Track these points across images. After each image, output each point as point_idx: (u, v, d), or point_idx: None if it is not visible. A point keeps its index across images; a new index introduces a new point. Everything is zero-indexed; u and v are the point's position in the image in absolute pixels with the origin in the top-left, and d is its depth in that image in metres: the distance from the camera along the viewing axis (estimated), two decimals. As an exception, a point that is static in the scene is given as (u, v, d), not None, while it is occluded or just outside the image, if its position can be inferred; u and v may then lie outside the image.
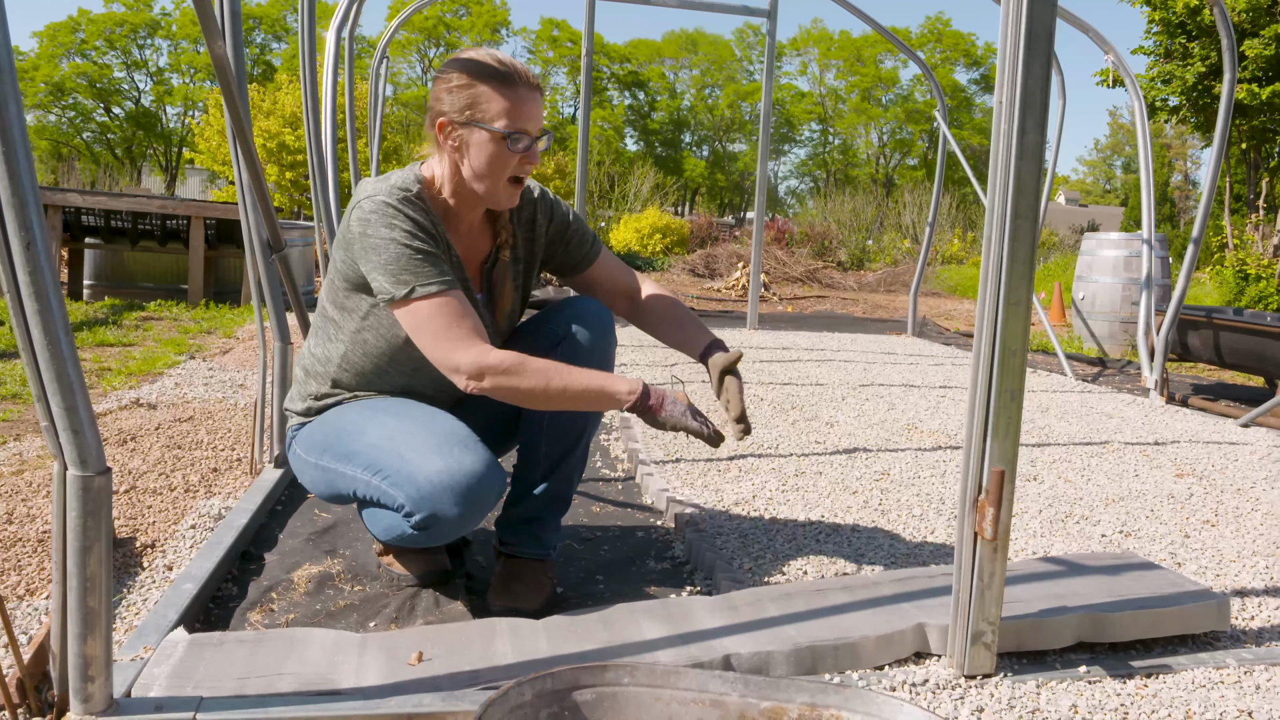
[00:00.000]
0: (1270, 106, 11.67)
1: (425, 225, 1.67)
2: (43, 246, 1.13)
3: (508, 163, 1.68)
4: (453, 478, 1.55)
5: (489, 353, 1.60)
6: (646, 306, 1.99)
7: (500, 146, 1.66)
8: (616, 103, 45.57)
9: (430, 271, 1.63)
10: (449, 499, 1.55)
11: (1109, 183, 56.20)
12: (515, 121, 1.65)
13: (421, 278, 1.62)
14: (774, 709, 1.26)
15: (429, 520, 1.57)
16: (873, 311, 10.35)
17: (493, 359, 1.59)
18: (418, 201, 1.69)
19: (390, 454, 1.62)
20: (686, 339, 1.92)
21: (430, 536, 1.61)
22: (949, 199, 19.69)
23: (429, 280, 1.62)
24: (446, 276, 1.64)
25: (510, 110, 1.65)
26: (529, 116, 1.66)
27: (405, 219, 1.64)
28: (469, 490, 1.56)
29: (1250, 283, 10.36)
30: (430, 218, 1.70)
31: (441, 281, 1.63)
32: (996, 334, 1.47)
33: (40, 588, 1.84)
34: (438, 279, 1.63)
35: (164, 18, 40.39)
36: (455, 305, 1.62)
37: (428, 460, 1.58)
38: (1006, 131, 1.45)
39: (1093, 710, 1.50)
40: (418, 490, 1.57)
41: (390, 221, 1.63)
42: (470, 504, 1.56)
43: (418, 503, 1.57)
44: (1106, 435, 3.71)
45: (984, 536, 1.50)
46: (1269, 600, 2.01)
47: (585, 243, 1.96)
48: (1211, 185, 4.63)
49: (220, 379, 4.12)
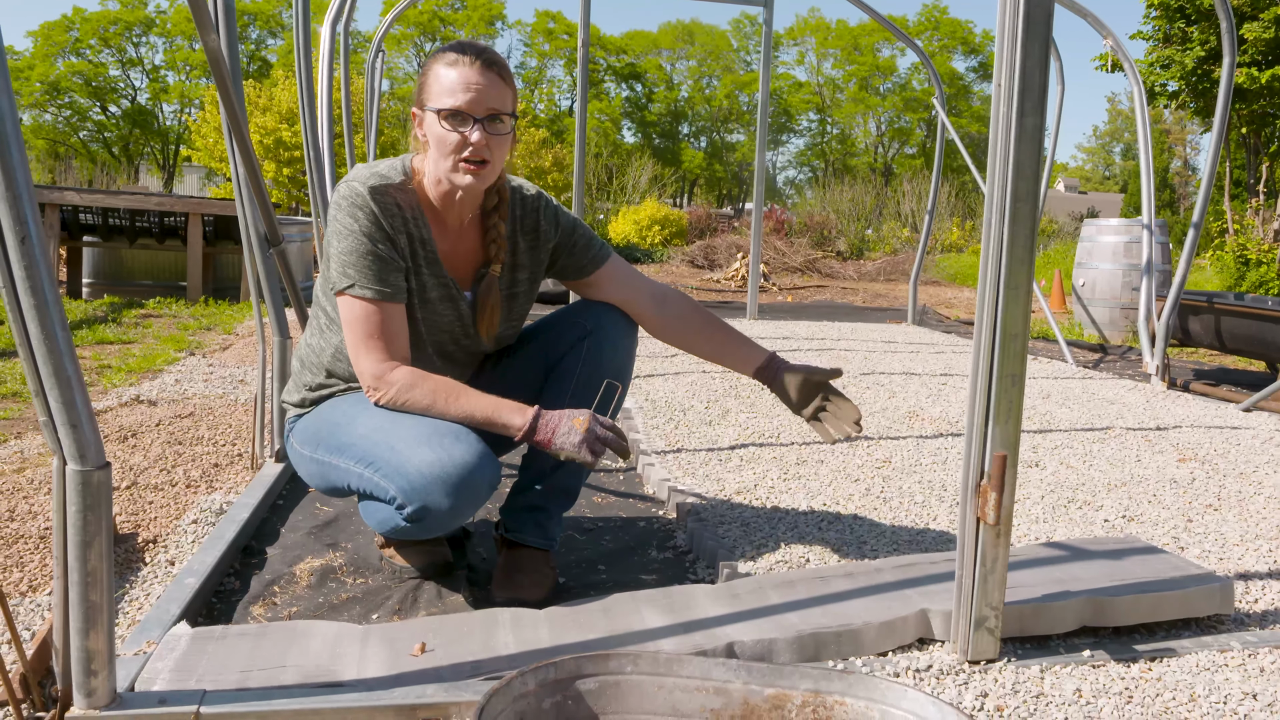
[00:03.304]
0: (1270, 90, 11.64)
1: (391, 222, 1.68)
2: (38, 241, 1.13)
3: (448, 141, 1.66)
4: (443, 469, 1.54)
5: (393, 369, 1.66)
6: (669, 314, 1.96)
7: (441, 126, 1.66)
8: (614, 95, 45.48)
9: (373, 276, 1.66)
10: (440, 490, 1.54)
11: (1108, 169, 56.09)
12: (453, 98, 1.64)
13: (363, 279, 1.66)
14: (778, 696, 1.26)
15: (420, 512, 1.57)
16: (873, 300, 10.34)
17: (392, 375, 1.66)
18: (397, 192, 1.70)
19: (381, 445, 1.62)
20: (726, 351, 1.98)
21: (423, 528, 1.60)
22: (948, 187, 19.66)
23: (368, 285, 1.66)
24: (386, 288, 1.67)
25: (449, 87, 1.64)
26: (469, 92, 1.64)
27: (368, 214, 1.66)
28: (460, 481, 1.54)
29: (1251, 267, 10.35)
30: (408, 211, 1.71)
31: (378, 291, 1.66)
32: (997, 318, 1.47)
33: (43, 584, 1.84)
34: (376, 285, 1.66)
35: (159, 15, 40.29)
36: (379, 317, 1.67)
37: (417, 451, 1.57)
38: (1005, 114, 1.44)
39: (1097, 694, 1.50)
40: (408, 482, 1.56)
41: (355, 213, 1.66)
42: (461, 495, 1.55)
43: (408, 494, 1.56)
44: (1108, 421, 3.70)
45: (986, 522, 1.50)
46: (1273, 583, 2.01)
47: (592, 246, 1.94)
48: (1211, 170, 4.61)
49: (220, 375, 4.12)
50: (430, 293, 1.77)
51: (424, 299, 1.77)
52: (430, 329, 1.80)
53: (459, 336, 1.85)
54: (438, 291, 1.78)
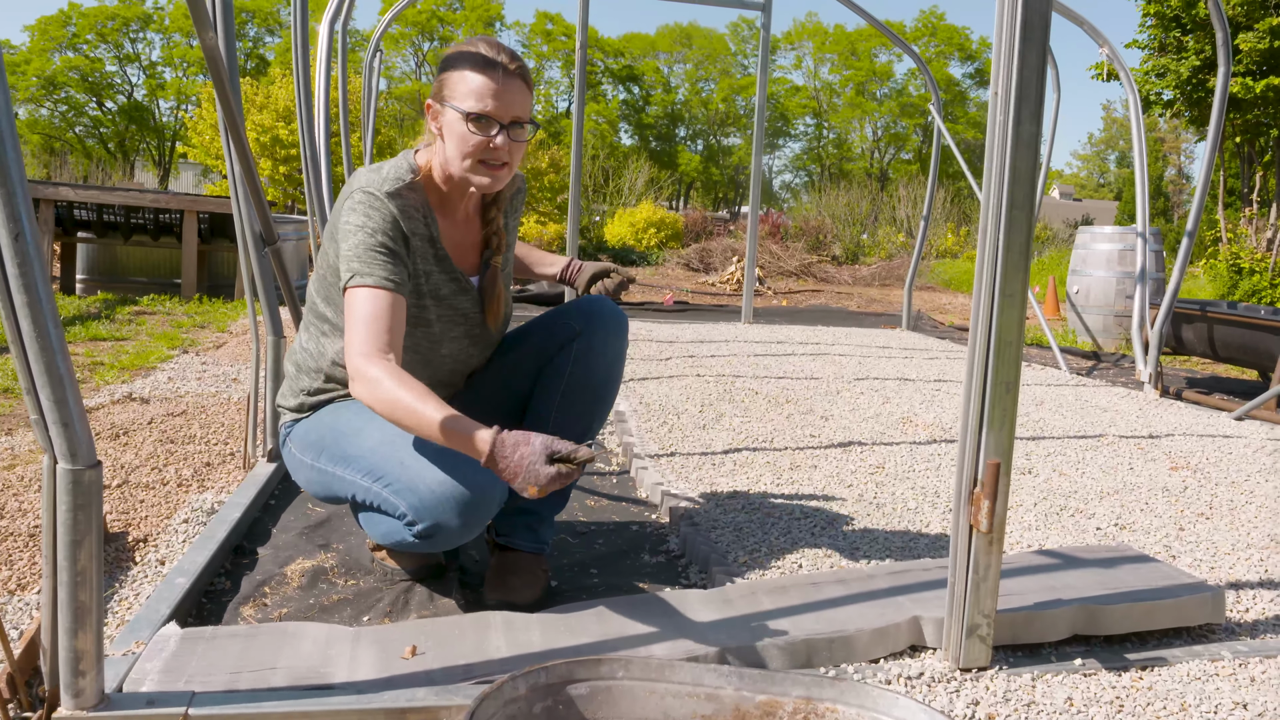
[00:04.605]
0: (1264, 100, 11.68)
1: (409, 225, 1.68)
2: (31, 238, 1.12)
3: (470, 143, 1.66)
4: (456, 488, 1.54)
5: (371, 364, 1.53)
6: None
7: (464, 126, 1.66)
8: (611, 97, 45.47)
9: (377, 267, 1.61)
10: (452, 509, 1.54)
11: (1103, 177, 56.23)
12: (480, 102, 1.64)
13: (365, 267, 1.61)
14: (769, 702, 1.26)
15: (431, 530, 1.56)
16: (867, 305, 10.35)
17: (368, 371, 1.53)
18: (409, 193, 1.71)
19: (391, 460, 1.61)
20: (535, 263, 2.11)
21: (432, 545, 1.60)
22: (943, 192, 19.68)
23: (369, 274, 1.60)
24: (392, 278, 1.62)
25: (477, 91, 1.64)
26: (497, 99, 1.64)
27: (384, 215, 1.66)
28: (472, 501, 1.54)
29: (1244, 276, 10.39)
30: (419, 210, 1.72)
31: (382, 279, 1.60)
32: (992, 325, 1.47)
33: (31, 583, 1.83)
34: (378, 275, 1.60)
35: (156, 11, 40.19)
36: (378, 305, 1.59)
37: (430, 469, 1.56)
38: (1002, 122, 1.44)
39: (1088, 703, 1.50)
40: (419, 500, 1.55)
41: (368, 211, 1.66)
42: (473, 514, 1.55)
43: (419, 512, 1.56)
44: (1101, 428, 3.71)
45: (979, 529, 1.50)
46: (1263, 593, 2.01)
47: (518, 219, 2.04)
48: (1206, 179, 4.63)
49: (213, 373, 4.10)
50: (443, 289, 1.79)
51: (438, 296, 1.79)
52: (447, 325, 1.82)
53: (473, 328, 1.87)
54: (450, 287, 1.80)
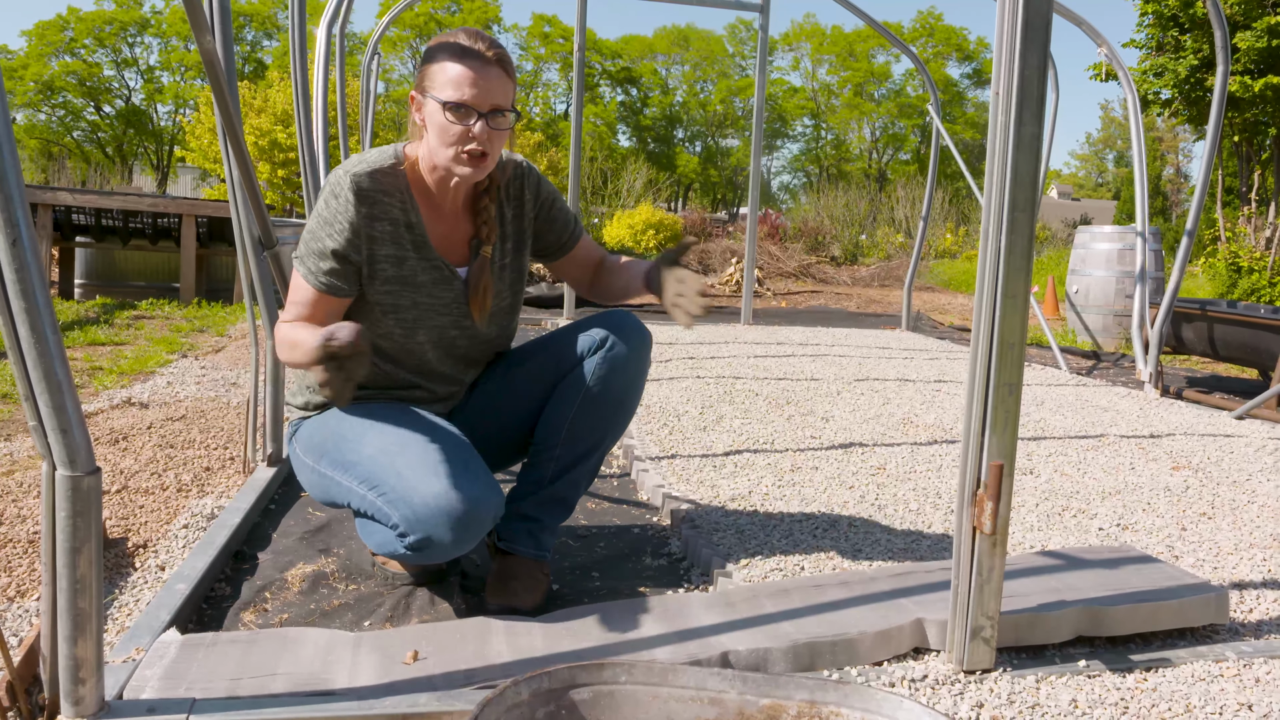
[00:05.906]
0: (1263, 99, 11.69)
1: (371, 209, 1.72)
2: (29, 243, 1.11)
3: (450, 133, 1.67)
4: (450, 502, 1.53)
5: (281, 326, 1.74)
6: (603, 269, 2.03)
7: (443, 116, 1.66)
8: (609, 99, 45.46)
9: (311, 262, 1.72)
10: (444, 523, 1.53)
11: (1101, 176, 56.26)
12: (459, 91, 1.64)
13: (307, 259, 1.73)
14: (773, 706, 1.25)
15: (423, 543, 1.56)
16: (867, 306, 10.34)
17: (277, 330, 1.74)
18: (384, 176, 1.73)
19: (387, 469, 1.61)
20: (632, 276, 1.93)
21: (424, 557, 1.60)
22: (942, 193, 19.69)
23: (303, 267, 1.73)
24: (322, 280, 1.71)
25: (455, 80, 1.65)
26: (475, 87, 1.65)
27: (337, 207, 1.70)
28: (465, 515, 1.54)
29: (1243, 275, 10.39)
30: (394, 195, 1.73)
31: (308, 273, 1.72)
32: (995, 327, 1.46)
33: (31, 589, 1.82)
34: (308, 268, 1.72)
35: (154, 15, 40.18)
36: (305, 294, 1.73)
37: (425, 481, 1.56)
38: (1004, 124, 1.44)
39: (1092, 704, 1.50)
40: (413, 512, 1.55)
41: (329, 200, 1.72)
42: (465, 529, 1.55)
43: (412, 524, 1.55)
44: (1102, 428, 3.71)
45: (983, 531, 1.50)
46: (1267, 593, 2.01)
47: (570, 221, 1.98)
48: (1205, 178, 4.63)
49: (213, 377, 4.10)
50: (420, 276, 1.78)
51: (413, 284, 1.78)
52: (425, 313, 1.81)
53: (459, 319, 1.84)
54: (429, 275, 1.79)
